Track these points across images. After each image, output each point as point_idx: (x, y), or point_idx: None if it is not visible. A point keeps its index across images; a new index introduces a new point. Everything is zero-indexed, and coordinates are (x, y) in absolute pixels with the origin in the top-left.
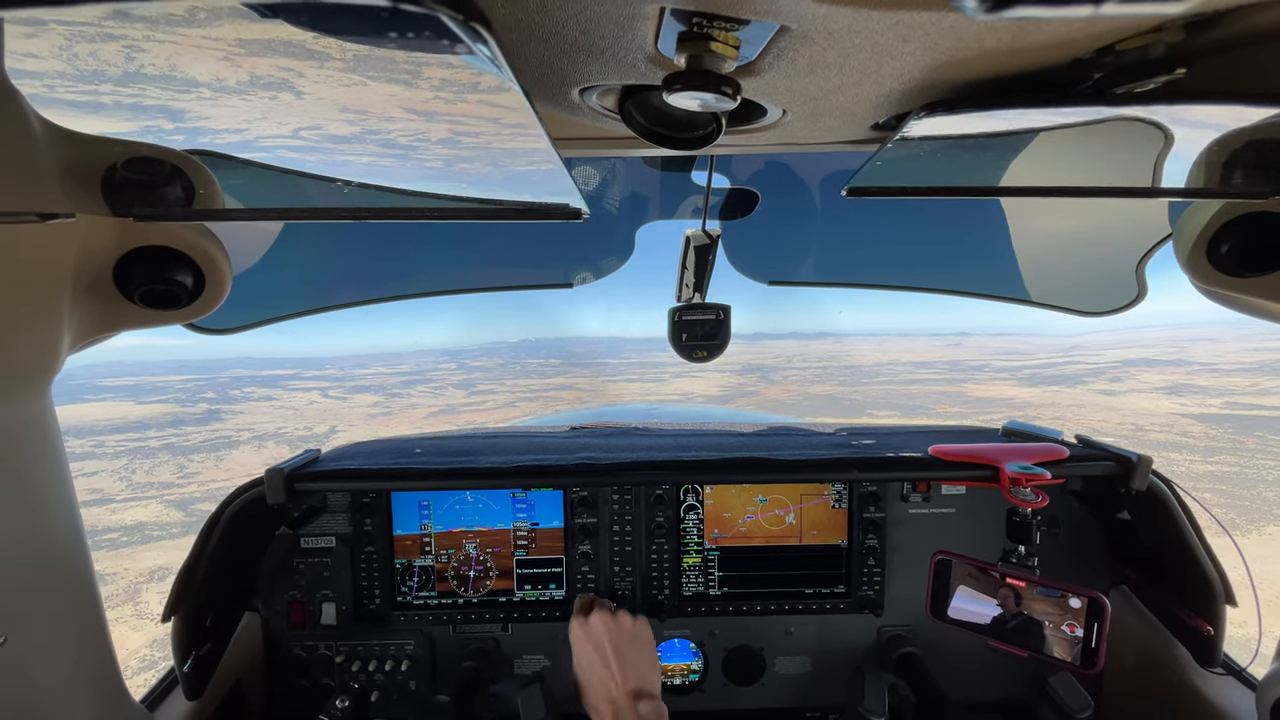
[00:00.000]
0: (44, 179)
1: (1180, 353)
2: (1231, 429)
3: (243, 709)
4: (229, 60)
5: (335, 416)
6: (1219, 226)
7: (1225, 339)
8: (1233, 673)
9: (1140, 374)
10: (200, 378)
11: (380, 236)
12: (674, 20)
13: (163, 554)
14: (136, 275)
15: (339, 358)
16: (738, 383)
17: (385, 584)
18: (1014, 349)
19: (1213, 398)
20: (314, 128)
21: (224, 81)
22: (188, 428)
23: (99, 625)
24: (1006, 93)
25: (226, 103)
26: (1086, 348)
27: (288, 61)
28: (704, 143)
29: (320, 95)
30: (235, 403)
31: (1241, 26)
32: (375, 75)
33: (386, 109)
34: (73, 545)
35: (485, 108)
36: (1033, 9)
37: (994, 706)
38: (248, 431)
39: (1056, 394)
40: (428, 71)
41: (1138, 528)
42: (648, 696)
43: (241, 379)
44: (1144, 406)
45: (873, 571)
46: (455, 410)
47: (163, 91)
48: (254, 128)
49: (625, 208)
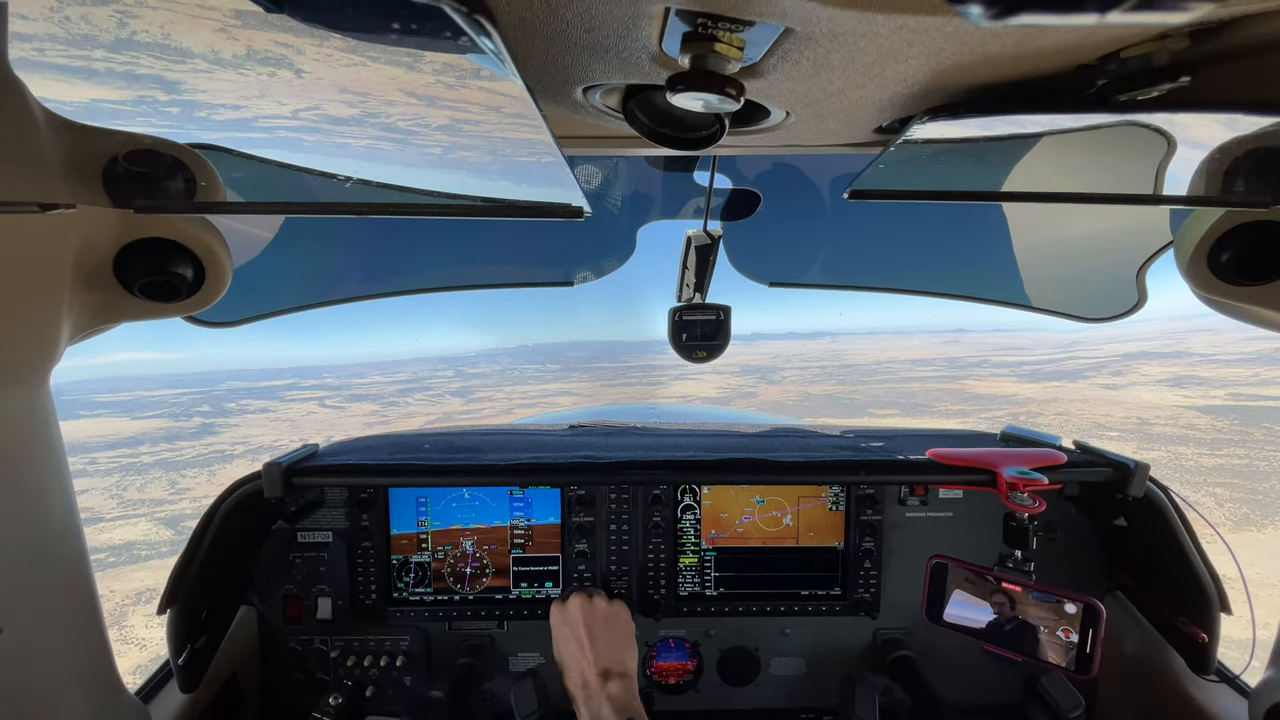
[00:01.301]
0: (45, 169)
1: (1179, 344)
2: (1237, 420)
3: (238, 702)
4: (225, 32)
5: (332, 427)
6: (1220, 235)
7: (1223, 329)
8: (1226, 680)
9: (1141, 367)
10: (196, 391)
11: (381, 231)
12: (679, 20)
13: (151, 575)
14: (137, 267)
15: (336, 366)
16: (737, 384)
17: (381, 580)
18: (1012, 345)
19: (1216, 389)
20: (313, 109)
21: (219, 54)
22: (181, 442)
23: (95, 617)
24: (1010, 98)
25: (222, 77)
26: (1085, 343)
27: (286, 37)
28: (707, 143)
29: (320, 75)
30: (230, 415)
31: (1246, 36)
32: (377, 56)
33: (388, 93)
34: (69, 536)
35: (489, 104)
36: (1038, 16)
37: (988, 710)
38: (242, 445)
39: (1059, 389)
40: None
41: (1134, 534)
42: (618, 675)
43: (238, 391)
44: (1148, 400)
45: (869, 574)
46: (452, 418)
47: (156, 60)
48: (251, 106)
49: (627, 207)
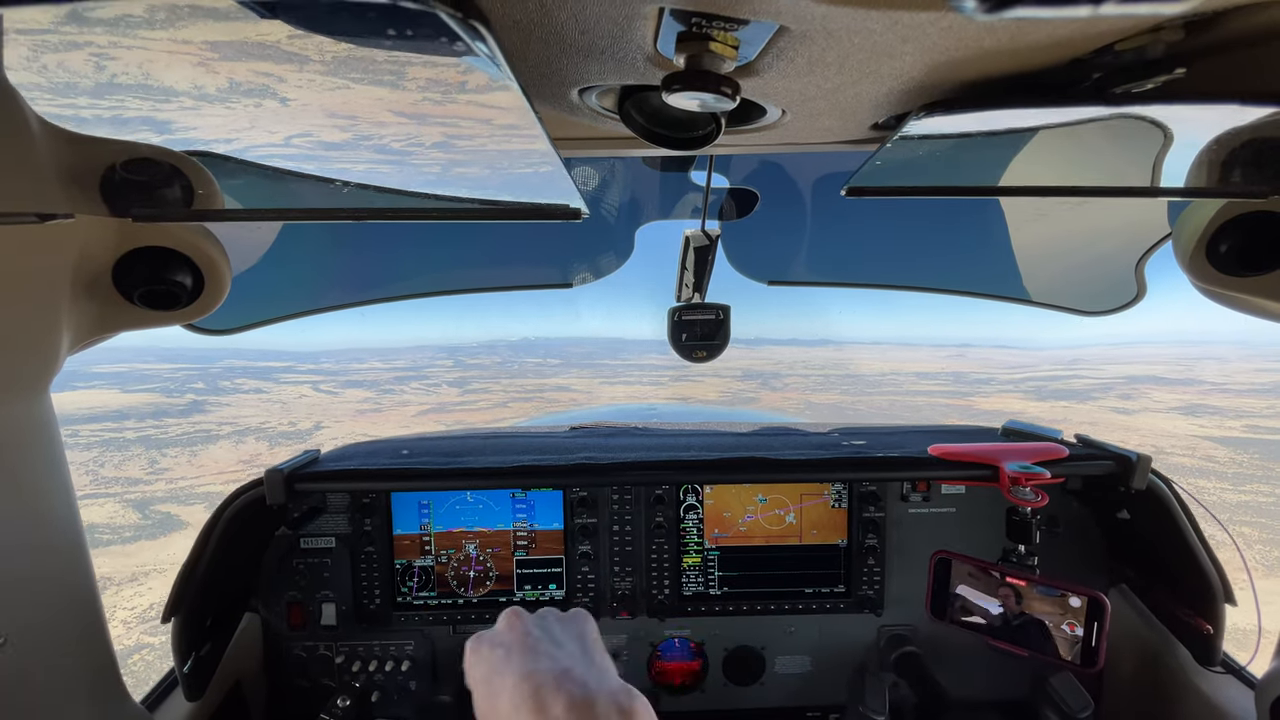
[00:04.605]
0: (43, 179)
1: (1188, 371)
2: (1258, 455)
3: (243, 709)
4: (204, 66)
5: (323, 412)
6: (1218, 226)
7: (1231, 358)
8: (1232, 671)
9: (1151, 392)
10: (193, 367)
11: (379, 237)
12: (673, 20)
13: (110, 561)
14: (136, 276)
15: (336, 351)
16: (738, 389)
17: (385, 584)
18: (1017, 362)
19: (1231, 419)
20: (305, 135)
21: (203, 89)
22: (168, 419)
23: (99, 625)
24: (1005, 93)
25: (210, 112)
26: (1088, 361)
27: (265, 66)
28: (703, 143)
29: (306, 101)
30: (223, 394)
31: (1240, 26)
32: (362, 76)
33: (377, 113)
34: (72, 546)
35: (484, 108)
36: (1032, 9)
37: (994, 706)
38: (229, 425)
39: (1067, 409)
40: (426, 71)
41: (1137, 527)
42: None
43: (234, 370)
44: (1161, 427)
45: (873, 571)
46: (446, 409)
47: (143, 102)
48: (244, 138)
49: (625, 208)
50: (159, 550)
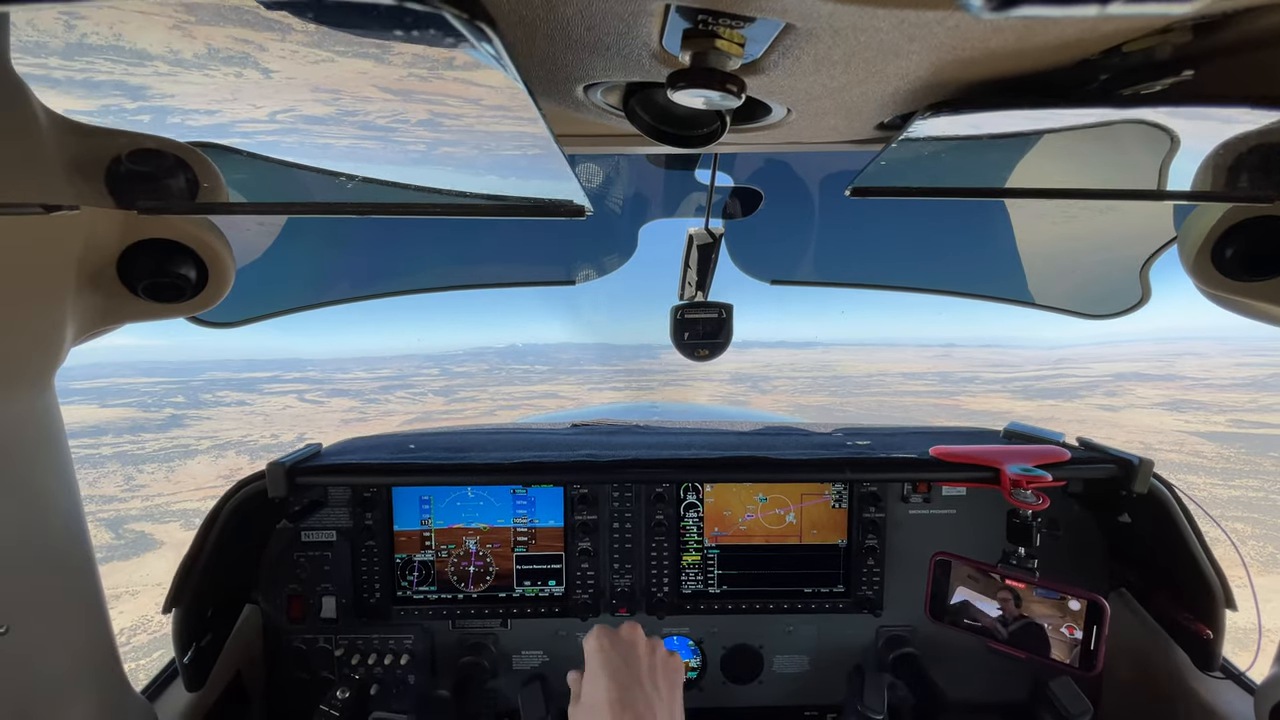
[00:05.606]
0: (48, 170)
1: (1169, 367)
2: (1244, 449)
3: (243, 701)
4: (180, 29)
5: (307, 423)
6: (1224, 230)
7: (1211, 354)
8: (1231, 676)
9: (1135, 388)
10: (173, 380)
11: (383, 231)
12: (679, 17)
13: None
14: (140, 268)
15: (321, 360)
16: (728, 392)
17: (385, 578)
18: (1002, 360)
19: (1215, 414)
20: (289, 110)
21: (179, 54)
22: (145, 435)
23: (100, 617)
24: (1012, 93)
25: (187, 79)
26: (1074, 360)
27: (245, 33)
28: (708, 141)
29: (289, 73)
30: (204, 408)
31: (1249, 29)
32: (344, 50)
33: (361, 88)
34: (75, 536)
35: (489, 104)
36: (1039, 8)
37: (992, 708)
38: (209, 439)
39: (1054, 408)
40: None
41: (1138, 531)
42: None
43: (216, 382)
44: (1147, 423)
45: (872, 572)
46: (431, 418)
47: (114, 65)
48: (224, 110)
49: (628, 205)
50: (132, 571)
